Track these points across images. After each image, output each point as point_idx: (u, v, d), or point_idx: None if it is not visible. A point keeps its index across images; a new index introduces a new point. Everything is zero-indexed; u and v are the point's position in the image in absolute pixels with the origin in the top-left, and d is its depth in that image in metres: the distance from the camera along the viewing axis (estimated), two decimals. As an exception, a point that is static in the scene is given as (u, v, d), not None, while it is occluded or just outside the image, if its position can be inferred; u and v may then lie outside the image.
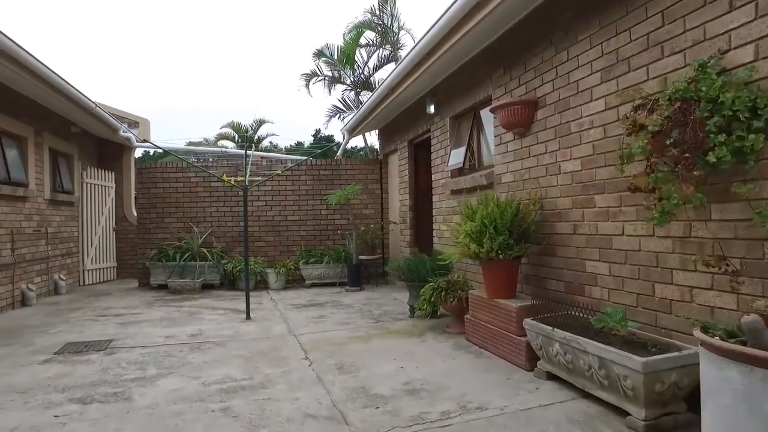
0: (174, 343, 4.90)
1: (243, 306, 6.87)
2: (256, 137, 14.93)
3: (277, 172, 6.11)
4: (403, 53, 11.76)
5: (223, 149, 13.17)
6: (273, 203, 9.49)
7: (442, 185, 6.68)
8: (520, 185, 4.79)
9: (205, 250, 8.81)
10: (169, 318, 6.18)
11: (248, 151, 7.95)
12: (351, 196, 8.63)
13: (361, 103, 11.73)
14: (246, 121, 15.41)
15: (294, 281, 9.13)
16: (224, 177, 6.06)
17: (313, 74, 12.26)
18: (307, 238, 9.53)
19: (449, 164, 6.43)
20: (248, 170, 6.41)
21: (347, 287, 8.41)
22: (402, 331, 5.30)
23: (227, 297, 7.93)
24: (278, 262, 8.99)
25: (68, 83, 7.06)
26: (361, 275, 8.53)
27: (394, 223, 8.78)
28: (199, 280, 8.51)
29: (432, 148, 7.09)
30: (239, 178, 6.13)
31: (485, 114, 5.81)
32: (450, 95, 6.39)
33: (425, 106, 7.21)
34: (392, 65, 12.00)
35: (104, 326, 5.74)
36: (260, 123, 15.40)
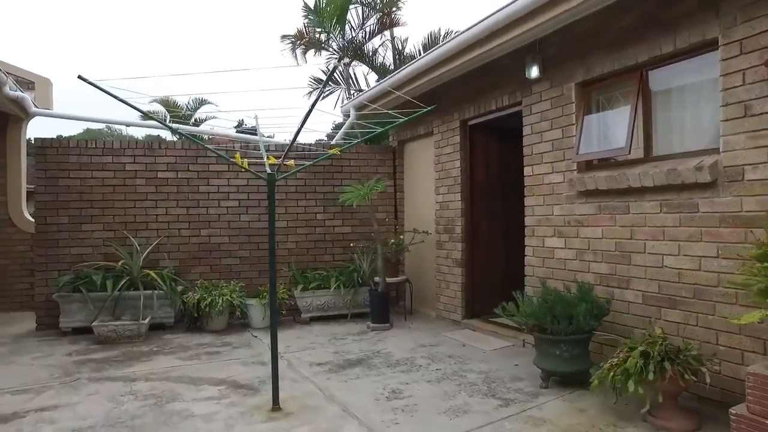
0: None
1: (242, 371, 4.35)
2: (192, 119, 11.69)
3: (334, 150, 3.53)
4: (402, 17, 9.45)
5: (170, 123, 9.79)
6: (249, 203, 6.73)
7: (558, 183, 4.54)
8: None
9: (151, 273, 5.82)
10: (126, 420, 3.35)
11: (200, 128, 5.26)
12: (374, 195, 6.20)
13: (350, 75, 9.25)
14: (182, 100, 12.06)
15: (283, 314, 6.45)
16: (237, 157, 3.40)
17: (300, 35, 9.37)
18: (297, 253, 6.90)
19: (580, 151, 4.32)
20: (264, 153, 3.77)
21: (371, 324, 5.95)
22: (579, 428, 3.08)
23: (199, 349, 5.10)
24: (261, 289, 6.26)
25: None
26: (389, 306, 6.12)
27: (425, 233, 6.49)
28: (146, 320, 5.53)
29: (526, 129, 4.93)
30: (272, 161, 3.48)
31: (663, 75, 3.79)
32: (582, 50, 4.27)
33: (506, 68, 5.07)
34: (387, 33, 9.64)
35: (-6, 456, 2.82)
36: (200, 102, 12.14)
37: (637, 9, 3.78)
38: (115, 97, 3.09)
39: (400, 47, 9.57)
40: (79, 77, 3.04)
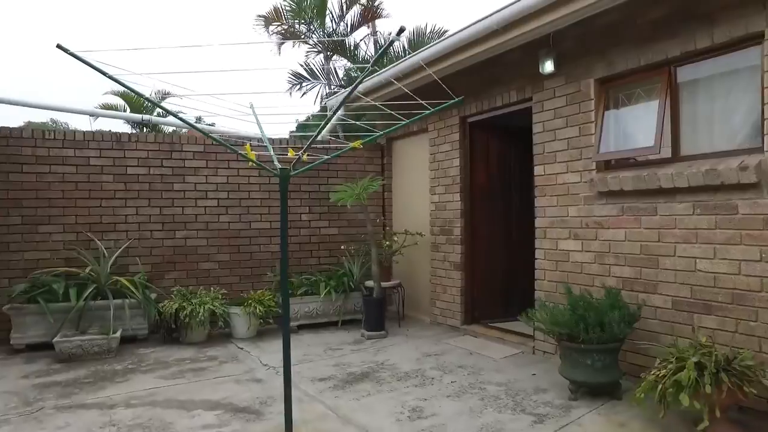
0: None
1: (237, 390, 3.92)
2: (155, 113, 10.86)
3: (356, 144, 3.12)
4: (385, 9, 9.09)
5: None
6: (229, 202, 6.20)
7: (574, 183, 4.34)
8: None
9: (122, 280, 5.21)
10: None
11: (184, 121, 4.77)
12: (368, 194, 5.84)
13: (332, 70, 8.79)
14: (145, 92, 11.14)
15: (270, 322, 5.98)
16: (248, 148, 2.96)
17: (277, 14, 8.72)
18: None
19: (601, 150, 4.14)
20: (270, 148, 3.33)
21: (366, 332, 5.57)
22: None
23: (182, 365, 4.56)
24: (245, 297, 5.76)
25: None
26: (384, 313, 5.76)
27: (419, 234, 6.19)
28: (116, 333, 4.92)
29: (537, 126, 4.71)
30: (291, 155, 3.07)
31: (693, 71, 3.65)
32: (603, 44, 4.08)
33: (514, 63, 4.85)
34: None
35: None
36: (164, 95, 11.26)
37: (668, 2, 3.62)
38: (104, 73, 2.58)
39: (383, 42, 9.23)
40: (58, 47, 2.51)
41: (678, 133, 3.73)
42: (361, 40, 9.21)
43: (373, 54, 8.95)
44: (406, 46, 8.88)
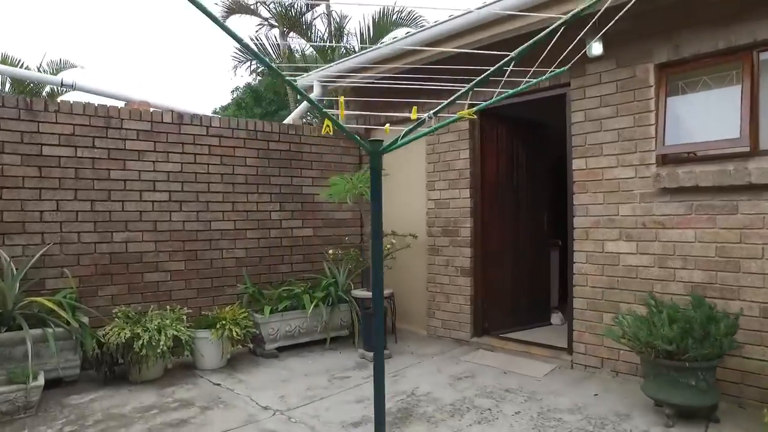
0: None
1: None
2: (49, 87, 8.62)
3: (466, 113, 2.29)
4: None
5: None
6: (184, 196, 4.91)
7: (627, 179, 3.90)
8: None
9: (43, 301, 3.73)
10: None
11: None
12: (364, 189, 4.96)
13: (284, 48, 7.56)
14: (33, 62, 8.83)
15: (251, 347, 4.82)
16: (341, 104, 1.99)
17: None
18: (248, 263, 5.27)
19: (666, 142, 3.73)
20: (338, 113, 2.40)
21: (368, 352, 4.68)
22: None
23: (148, 419, 3.31)
24: (212, 316, 4.55)
25: None
26: (385, 329, 4.90)
27: (412, 236, 5.43)
28: (38, 380, 3.47)
29: (577, 115, 4.22)
30: (386, 132, 2.15)
31: (776, 58, 3.38)
32: (668, 24, 3.69)
33: (544, 42, 4.31)
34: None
35: None
36: (60, 66, 8.99)
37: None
38: None
39: (339, 21, 8.28)
40: None
41: (758, 124, 3.44)
42: (316, 17, 8.21)
43: (327, 36, 7.99)
44: (371, 27, 8.06)
